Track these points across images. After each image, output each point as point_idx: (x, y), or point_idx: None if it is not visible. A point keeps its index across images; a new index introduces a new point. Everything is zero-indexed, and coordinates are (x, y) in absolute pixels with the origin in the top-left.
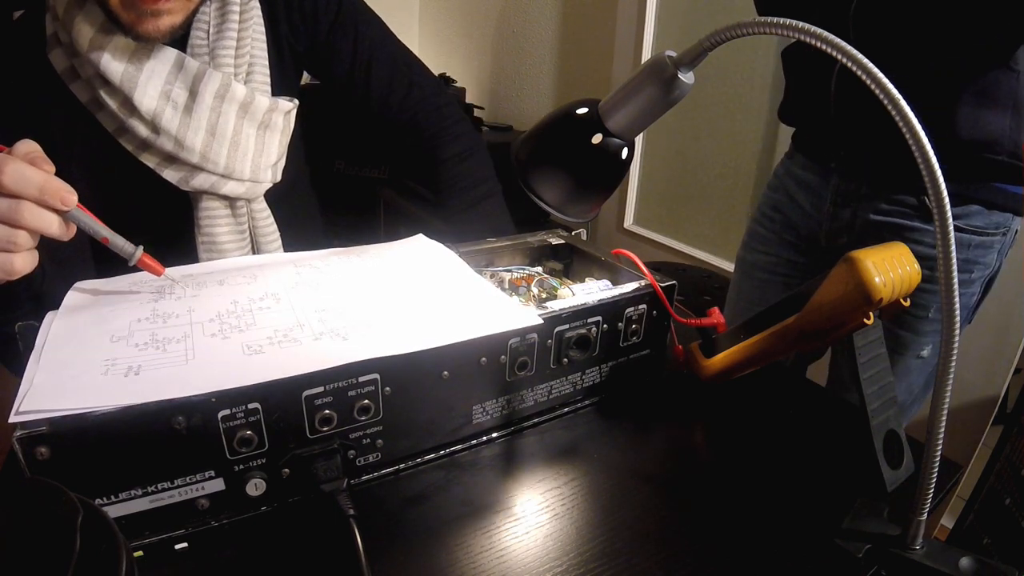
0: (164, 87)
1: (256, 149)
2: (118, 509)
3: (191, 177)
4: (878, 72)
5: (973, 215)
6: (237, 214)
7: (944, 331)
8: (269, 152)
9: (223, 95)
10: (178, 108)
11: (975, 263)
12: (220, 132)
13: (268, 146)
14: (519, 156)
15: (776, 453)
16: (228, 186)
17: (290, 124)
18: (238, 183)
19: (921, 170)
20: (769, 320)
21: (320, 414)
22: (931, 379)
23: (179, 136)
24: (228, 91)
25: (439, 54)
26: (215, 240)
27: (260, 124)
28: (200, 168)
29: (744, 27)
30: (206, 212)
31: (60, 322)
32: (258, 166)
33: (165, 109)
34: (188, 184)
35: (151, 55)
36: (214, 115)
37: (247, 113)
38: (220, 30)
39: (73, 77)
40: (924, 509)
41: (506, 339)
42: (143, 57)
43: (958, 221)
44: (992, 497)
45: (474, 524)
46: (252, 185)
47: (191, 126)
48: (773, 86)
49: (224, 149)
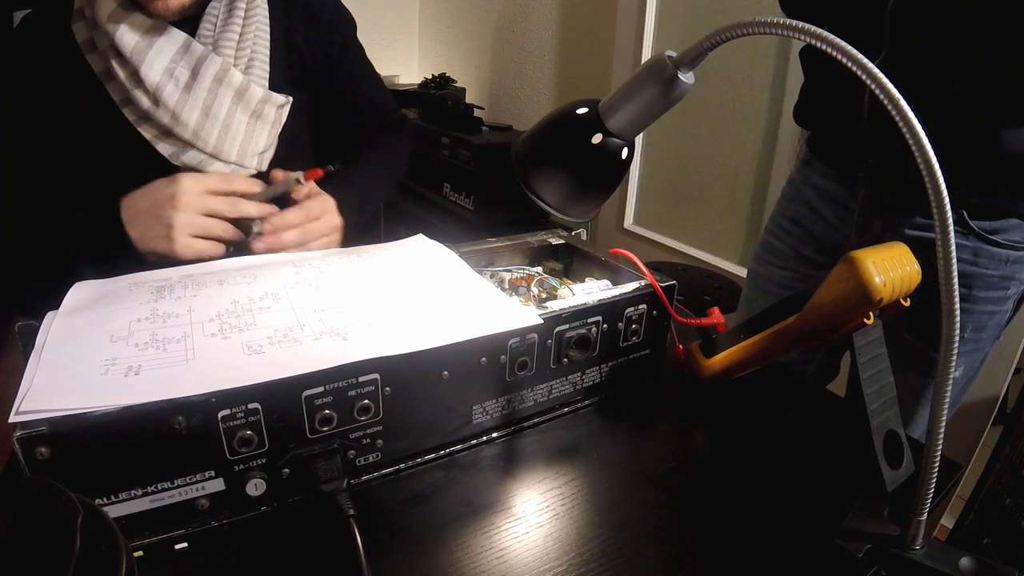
0: (169, 64)
1: (246, 135)
2: (118, 509)
3: (182, 152)
4: (876, 70)
5: (1012, 229)
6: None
7: (944, 331)
8: (257, 141)
9: (221, 79)
10: (179, 85)
11: (1012, 279)
12: (214, 113)
13: (257, 134)
14: (519, 156)
15: (776, 453)
16: (214, 166)
17: (281, 118)
18: (224, 164)
19: (921, 169)
20: (769, 320)
21: (320, 414)
22: (958, 397)
23: (176, 111)
24: (226, 76)
25: (439, 54)
26: None
27: (253, 112)
28: (191, 144)
29: (744, 27)
30: None
31: (60, 322)
32: (245, 151)
33: (167, 84)
34: (178, 159)
35: (162, 34)
36: (211, 96)
37: (242, 100)
38: (226, 24)
39: (91, 48)
40: (924, 509)
41: (506, 339)
42: (155, 35)
43: (996, 236)
44: (992, 497)
45: (474, 524)
46: (236, 169)
47: (188, 103)
48: (773, 86)
49: (215, 130)
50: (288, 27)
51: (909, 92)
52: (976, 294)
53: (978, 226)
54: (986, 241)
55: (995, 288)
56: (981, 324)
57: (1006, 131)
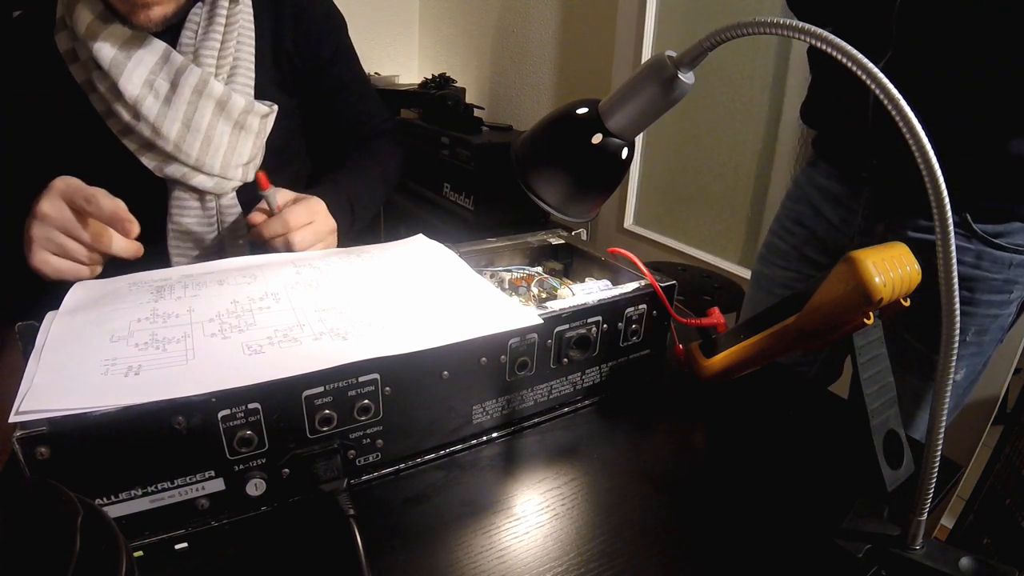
0: (149, 76)
1: (228, 146)
2: (118, 509)
3: (165, 165)
4: (877, 70)
5: (1015, 233)
6: (206, 207)
7: (944, 331)
8: (241, 152)
9: (201, 90)
10: (159, 97)
11: (1015, 283)
12: (195, 125)
13: (241, 146)
14: (519, 156)
15: (776, 453)
16: (197, 178)
17: (266, 128)
18: (207, 177)
19: (921, 170)
20: (769, 320)
21: (320, 414)
22: (960, 400)
23: (156, 124)
24: (206, 87)
25: (439, 54)
26: (182, 229)
27: (235, 123)
28: (173, 158)
29: (744, 27)
30: (177, 201)
31: (60, 322)
32: (228, 163)
33: (147, 97)
34: (162, 172)
35: (141, 45)
36: (191, 108)
37: (223, 111)
38: (207, 32)
39: (73, 59)
40: (924, 509)
41: (506, 339)
42: (134, 47)
43: (1000, 239)
44: (992, 497)
45: (474, 524)
46: (220, 181)
47: (168, 116)
48: (773, 86)
49: (197, 142)
50: (276, 29)
51: (914, 94)
52: (979, 297)
53: (981, 229)
54: (989, 244)
55: (998, 291)
56: (984, 327)
57: (1011, 134)
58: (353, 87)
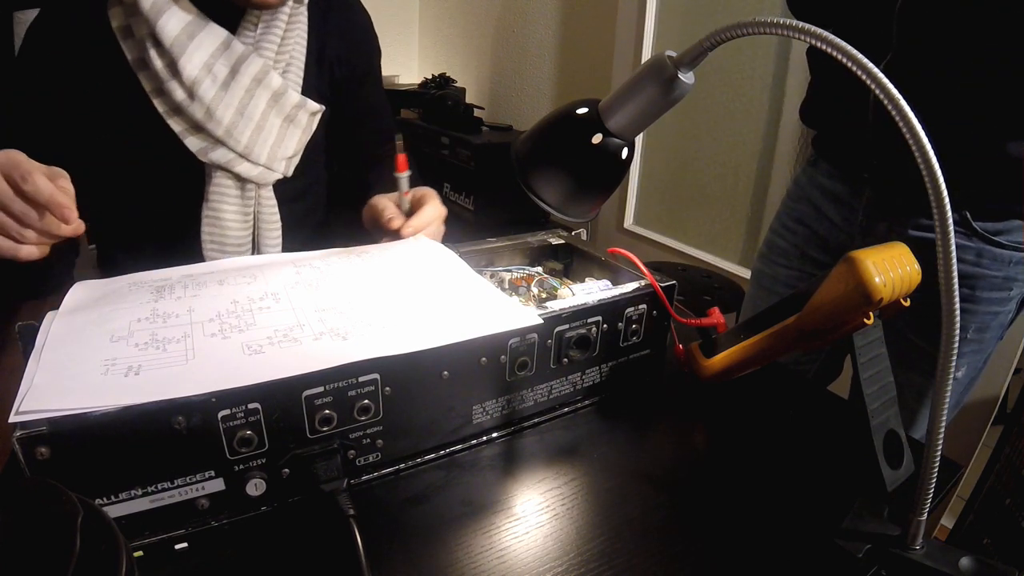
0: (208, 60)
1: (277, 138)
2: (118, 509)
3: (211, 150)
4: (876, 70)
5: (1015, 231)
6: (245, 196)
7: (944, 331)
8: (288, 145)
9: (260, 80)
10: (216, 81)
11: (1015, 280)
12: (248, 113)
13: (288, 139)
14: (519, 156)
15: (776, 453)
16: (243, 166)
17: (312, 126)
18: (252, 165)
19: (921, 168)
20: (769, 320)
21: (320, 414)
22: (961, 398)
23: (211, 106)
24: (266, 77)
25: (439, 54)
26: (219, 216)
27: (286, 117)
28: (222, 142)
29: (744, 27)
30: (217, 188)
31: (60, 322)
32: (275, 155)
33: (205, 79)
34: (206, 156)
35: (203, 29)
36: (247, 96)
37: (277, 103)
38: (268, 27)
39: (126, 35)
40: (924, 509)
41: (506, 339)
42: (197, 29)
43: (999, 237)
44: (992, 497)
45: (474, 524)
46: (264, 171)
47: (224, 100)
48: (773, 86)
49: (248, 130)
50: (322, 36)
51: (915, 94)
52: (979, 295)
53: (981, 227)
54: (989, 242)
55: (998, 289)
56: (984, 325)
57: (1011, 134)
58: (376, 109)
